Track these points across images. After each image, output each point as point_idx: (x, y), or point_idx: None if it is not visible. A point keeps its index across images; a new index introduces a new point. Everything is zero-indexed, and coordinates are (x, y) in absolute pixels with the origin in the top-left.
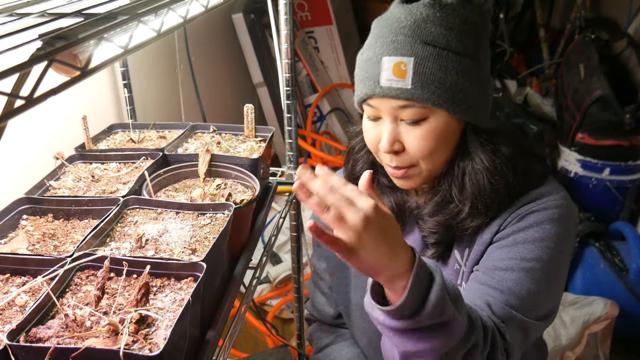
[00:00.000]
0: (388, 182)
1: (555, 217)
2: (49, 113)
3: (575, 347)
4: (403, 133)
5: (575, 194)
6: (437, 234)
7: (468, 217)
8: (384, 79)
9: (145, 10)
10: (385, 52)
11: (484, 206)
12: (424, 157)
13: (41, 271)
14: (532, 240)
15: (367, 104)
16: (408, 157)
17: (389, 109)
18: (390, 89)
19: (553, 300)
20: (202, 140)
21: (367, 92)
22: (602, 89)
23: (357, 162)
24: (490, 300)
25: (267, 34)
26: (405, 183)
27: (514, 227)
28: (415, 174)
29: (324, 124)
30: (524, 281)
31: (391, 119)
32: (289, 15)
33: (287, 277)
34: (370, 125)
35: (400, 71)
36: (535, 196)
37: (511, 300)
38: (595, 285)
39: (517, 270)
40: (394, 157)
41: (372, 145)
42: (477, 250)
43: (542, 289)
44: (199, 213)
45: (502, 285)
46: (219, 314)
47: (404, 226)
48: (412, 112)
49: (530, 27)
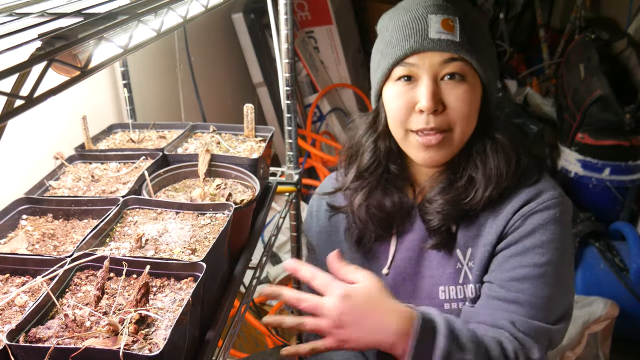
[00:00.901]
0: (397, 170)
1: (557, 216)
2: (48, 113)
3: (575, 347)
4: (444, 91)
5: (575, 194)
6: (442, 213)
7: (479, 191)
8: (433, 32)
9: (145, 10)
10: (430, 11)
11: (497, 180)
12: (463, 117)
13: (41, 271)
14: (541, 244)
15: (405, 64)
16: (446, 118)
17: (431, 65)
18: (440, 41)
19: (567, 297)
20: (202, 140)
21: (414, 46)
22: (602, 89)
23: (366, 151)
24: (513, 318)
25: (267, 34)
26: (435, 155)
27: (520, 232)
28: (448, 143)
29: (324, 124)
30: (539, 288)
31: (431, 77)
32: (289, 15)
33: (287, 277)
34: (401, 90)
35: (449, 25)
36: (535, 193)
37: (531, 311)
38: (595, 285)
39: (531, 278)
40: (432, 118)
41: (404, 112)
42: (481, 251)
43: (557, 291)
44: (199, 213)
45: (520, 297)
46: (219, 314)
47: (403, 225)
48: (457, 66)
49: (530, 27)
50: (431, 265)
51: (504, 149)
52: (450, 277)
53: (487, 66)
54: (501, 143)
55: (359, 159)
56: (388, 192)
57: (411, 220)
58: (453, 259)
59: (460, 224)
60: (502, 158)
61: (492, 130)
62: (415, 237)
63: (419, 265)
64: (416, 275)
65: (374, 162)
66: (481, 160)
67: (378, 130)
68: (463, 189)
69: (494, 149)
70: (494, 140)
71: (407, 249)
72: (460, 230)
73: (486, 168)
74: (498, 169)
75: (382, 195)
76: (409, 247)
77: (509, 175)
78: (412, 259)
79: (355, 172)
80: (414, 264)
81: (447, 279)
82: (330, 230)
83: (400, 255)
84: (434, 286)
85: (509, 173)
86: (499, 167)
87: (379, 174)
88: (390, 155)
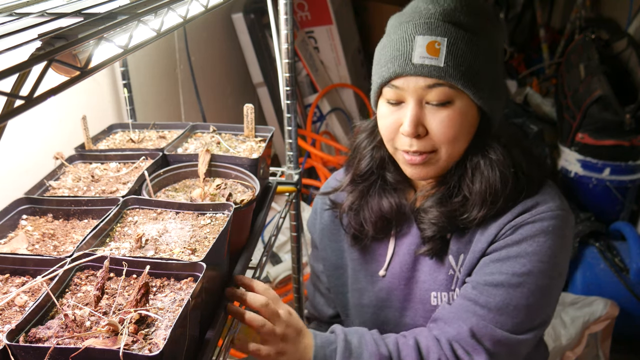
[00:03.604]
0: (394, 179)
1: (549, 229)
2: (48, 113)
3: (575, 347)
4: (428, 116)
5: (575, 194)
6: (437, 225)
7: (474, 210)
8: (417, 57)
9: (145, 10)
10: (418, 32)
11: (492, 200)
12: (447, 142)
13: (41, 271)
14: (525, 254)
15: (391, 86)
16: (430, 142)
17: (415, 90)
18: (423, 66)
19: (545, 311)
20: (202, 140)
21: (397, 71)
22: (602, 89)
23: (363, 158)
24: (473, 322)
25: (267, 34)
26: (421, 171)
27: (507, 240)
28: (433, 162)
29: (324, 124)
30: (513, 297)
31: (416, 102)
32: (289, 15)
33: (287, 277)
34: (389, 111)
35: (434, 49)
36: (530, 205)
37: (497, 317)
38: (595, 285)
39: (506, 286)
40: (415, 142)
41: (390, 131)
42: (471, 258)
43: (533, 302)
44: (199, 213)
45: (490, 302)
46: (219, 314)
47: (401, 227)
48: (441, 92)
49: (530, 27)
50: (424, 271)
51: (499, 167)
52: (442, 283)
53: (482, 85)
54: (497, 161)
55: (355, 164)
56: (386, 194)
57: (409, 224)
58: (445, 266)
59: (454, 231)
60: (498, 177)
61: (490, 147)
62: (412, 241)
63: (413, 270)
64: (410, 280)
65: (368, 171)
66: (475, 178)
67: (376, 139)
68: (458, 205)
69: (490, 166)
70: (489, 158)
71: (404, 252)
72: (453, 237)
73: (481, 187)
74: (493, 189)
75: (379, 197)
76: (405, 252)
77: (504, 196)
78: (407, 263)
79: (350, 177)
80: (409, 268)
81: (439, 285)
82: (332, 228)
83: (397, 258)
84: (427, 292)
85: (504, 193)
86: (494, 187)
87: (372, 181)
88: (386, 165)
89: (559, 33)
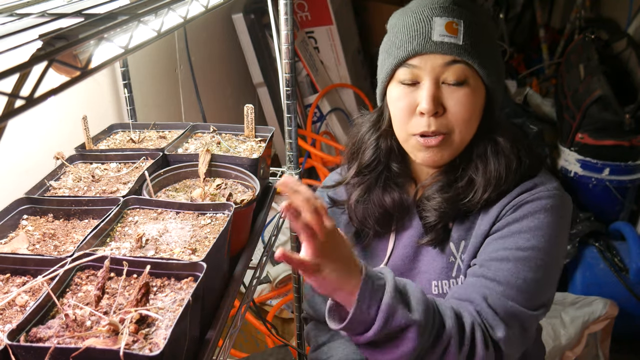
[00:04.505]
0: (399, 169)
1: (548, 206)
2: (49, 113)
3: (575, 347)
4: (445, 95)
5: (575, 194)
6: (439, 211)
7: (478, 192)
8: (436, 35)
9: (145, 11)
10: (435, 13)
11: (497, 183)
12: (463, 122)
13: (41, 271)
14: (527, 229)
15: (408, 65)
16: (446, 121)
17: (433, 68)
18: (443, 43)
19: (550, 289)
20: (202, 140)
21: (416, 48)
22: (602, 89)
23: (368, 148)
24: (486, 293)
25: (267, 34)
26: (436, 155)
27: (509, 218)
28: (447, 144)
29: (324, 124)
30: (521, 270)
31: (433, 80)
32: (289, 15)
33: (287, 277)
34: (403, 93)
35: (453, 29)
36: (529, 186)
37: (508, 290)
38: (595, 285)
39: (512, 260)
40: (432, 121)
41: (405, 114)
42: (474, 242)
43: (539, 277)
44: (199, 213)
45: (499, 275)
46: (219, 314)
47: (402, 222)
48: (458, 69)
49: (530, 27)
50: (425, 261)
51: (505, 152)
52: (442, 271)
53: (491, 70)
54: (503, 146)
55: (360, 155)
56: (388, 189)
57: (410, 217)
58: (446, 253)
59: (457, 218)
60: (503, 162)
61: (494, 133)
62: (412, 234)
63: (415, 261)
64: (412, 272)
65: (375, 160)
66: (482, 163)
67: (381, 129)
68: (462, 189)
69: (495, 152)
70: (495, 143)
71: (404, 245)
72: (455, 224)
73: (486, 171)
74: (498, 172)
75: (382, 192)
76: (406, 244)
77: (508, 179)
78: (408, 256)
79: (355, 169)
80: (411, 260)
81: (440, 273)
82: None
83: (397, 252)
84: (428, 281)
85: (508, 177)
86: (499, 171)
87: (379, 171)
88: (392, 154)
89: (559, 33)
